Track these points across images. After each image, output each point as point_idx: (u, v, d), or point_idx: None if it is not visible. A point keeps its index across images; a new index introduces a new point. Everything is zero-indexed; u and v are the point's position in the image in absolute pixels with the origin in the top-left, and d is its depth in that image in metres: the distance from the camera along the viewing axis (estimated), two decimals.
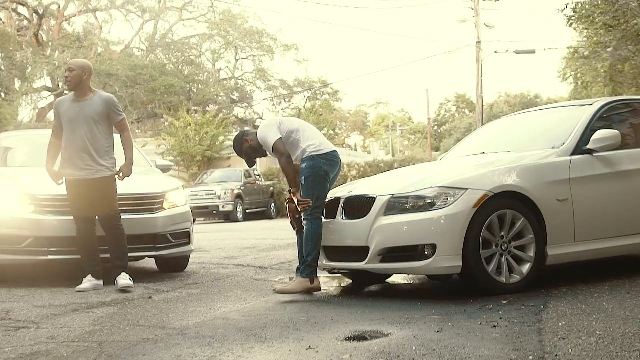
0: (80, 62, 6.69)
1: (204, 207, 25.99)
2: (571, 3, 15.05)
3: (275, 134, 5.98)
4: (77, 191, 6.49)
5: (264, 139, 6.03)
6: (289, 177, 6.00)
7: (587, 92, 24.53)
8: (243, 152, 6.25)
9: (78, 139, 6.47)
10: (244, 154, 6.25)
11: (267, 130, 6.05)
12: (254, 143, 6.19)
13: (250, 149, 6.22)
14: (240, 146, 6.25)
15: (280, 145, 5.96)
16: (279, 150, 5.95)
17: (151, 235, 7.13)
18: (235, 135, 6.47)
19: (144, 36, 43.77)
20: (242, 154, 6.27)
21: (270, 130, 6.02)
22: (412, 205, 5.45)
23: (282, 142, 5.96)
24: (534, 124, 7.01)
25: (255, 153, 6.25)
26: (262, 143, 6.08)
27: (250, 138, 6.21)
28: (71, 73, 6.58)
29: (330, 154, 6.01)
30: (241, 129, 34.39)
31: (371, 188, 5.86)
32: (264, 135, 6.03)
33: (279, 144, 5.96)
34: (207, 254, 10.32)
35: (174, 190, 7.54)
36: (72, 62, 6.73)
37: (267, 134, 6.01)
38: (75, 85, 6.58)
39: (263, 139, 6.04)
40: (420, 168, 6.74)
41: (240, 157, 6.31)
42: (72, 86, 6.61)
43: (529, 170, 5.71)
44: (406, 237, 5.39)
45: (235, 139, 6.34)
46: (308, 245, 5.82)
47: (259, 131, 6.13)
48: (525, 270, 5.50)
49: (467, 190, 5.36)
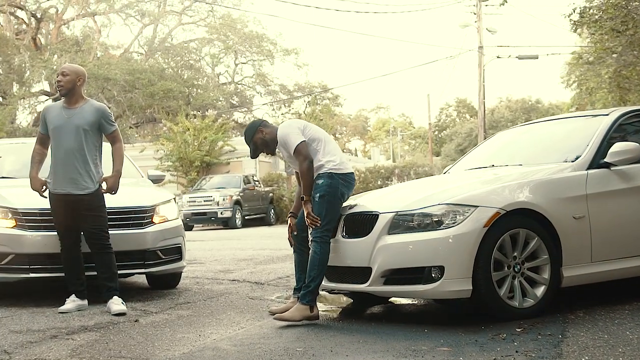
0: (75, 67, 6.28)
1: (202, 214, 25.65)
2: (579, 8, 14.71)
3: (299, 136, 5.53)
4: (61, 205, 6.08)
5: (285, 138, 5.56)
6: (306, 183, 5.48)
7: (591, 98, 24.19)
8: (252, 141, 5.76)
9: (65, 149, 6.05)
10: (253, 143, 5.76)
11: (290, 130, 5.59)
12: (268, 137, 5.72)
13: (262, 141, 5.74)
14: (252, 135, 5.75)
15: (304, 148, 5.51)
16: (302, 153, 5.49)
17: (140, 252, 6.69)
18: (252, 121, 6.02)
19: (143, 40, 43.34)
20: (250, 143, 5.78)
21: (294, 131, 5.56)
22: (417, 223, 5.06)
23: (306, 145, 5.52)
24: (545, 134, 6.61)
25: (263, 147, 5.77)
26: (282, 142, 5.60)
27: (267, 131, 5.74)
28: (64, 78, 6.15)
29: (349, 175, 5.58)
30: (241, 134, 34.06)
31: (374, 204, 5.46)
32: (286, 135, 5.57)
33: (302, 147, 5.50)
34: (202, 266, 9.93)
35: (164, 203, 7.10)
36: (65, 66, 6.31)
37: (289, 134, 5.55)
38: (67, 91, 6.16)
39: (284, 138, 5.58)
40: (426, 182, 6.33)
41: (247, 144, 5.83)
42: (63, 91, 6.17)
43: (543, 185, 5.33)
44: (411, 257, 5.00)
45: (250, 126, 5.86)
46: (313, 270, 5.36)
47: (281, 129, 5.67)
48: (539, 293, 5.11)
49: (477, 207, 4.97)
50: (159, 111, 36.50)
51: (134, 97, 35.99)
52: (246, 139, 5.81)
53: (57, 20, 38.98)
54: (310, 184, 5.47)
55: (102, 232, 6.10)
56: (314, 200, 5.42)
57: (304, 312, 5.30)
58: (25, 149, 7.60)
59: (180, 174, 31.54)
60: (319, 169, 5.51)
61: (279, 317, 5.31)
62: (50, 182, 6.14)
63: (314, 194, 5.43)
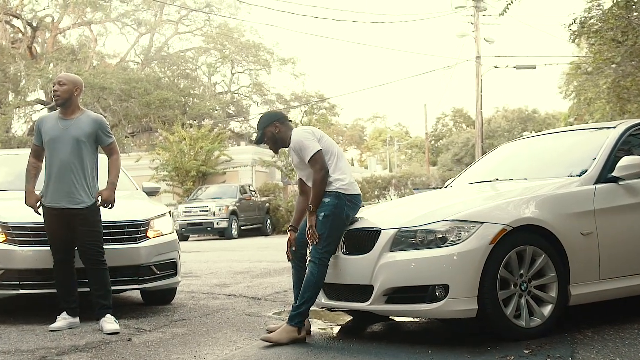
0: (72, 77, 6.09)
1: (198, 224, 25.47)
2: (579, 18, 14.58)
3: (317, 144, 5.28)
4: (56, 220, 5.88)
5: (302, 144, 5.28)
6: (318, 193, 5.23)
7: (589, 109, 24.09)
8: (263, 131, 5.50)
9: (60, 161, 5.84)
10: (263, 133, 5.51)
11: (306, 136, 5.31)
12: (280, 135, 5.46)
13: (272, 135, 5.47)
14: (266, 126, 5.47)
15: (321, 158, 5.26)
16: (318, 162, 5.24)
17: (134, 267, 6.48)
18: (272, 112, 5.76)
19: (140, 49, 43.29)
20: (260, 131, 5.53)
21: (312, 138, 5.30)
22: (421, 240, 4.88)
23: (323, 155, 5.28)
24: (551, 148, 6.45)
25: (271, 142, 5.51)
26: (297, 147, 5.32)
27: (281, 128, 5.46)
28: (61, 87, 5.95)
29: (356, 197, 5.37)
30: (237, 144, 33.80)
31: (375, 220, 5.28)
32: (302, 141, 5.29)
33: (320, 157, 5.26)
34: (198, 280, 9.74)
35: (159, 217, 6.90)
36: (62, 75, 6.10)
37: (306, 141, 5.28)
38: (64, 101, 5.95)
39: (300, 143, 5.29)
40: (429, 197, 6.15)
41: (257, 130, 5.60)
42: (60, 102, 5.95)
43: (550, 200, 5.16)
44: (415, 276, 4.82)
45: (268, 116, 5.60)
46: (307, 292, 5.15)
47: (298, 133, 5.38)
48: (546, 312, 4.94)
49: (482, 224, 4.80)
50: (155, 121, 36.37)
51: (130, 106, 35.86)
52: (259, 126, 5.55)
53: (53, 29, 38.89)
54: (322, 195, 5.25)
55: (97, 248, 5.91)
56: (317, 218, 5.23)
57: (291, 334, 5.11)
58: (18, 160, 7.43)
59: (177, 184, 31.37)
60: (327, 186, 5.30)
61: (265, 338, 5.09)
62: (44, 195, 5.94)
63: (318, 212, 5.23)
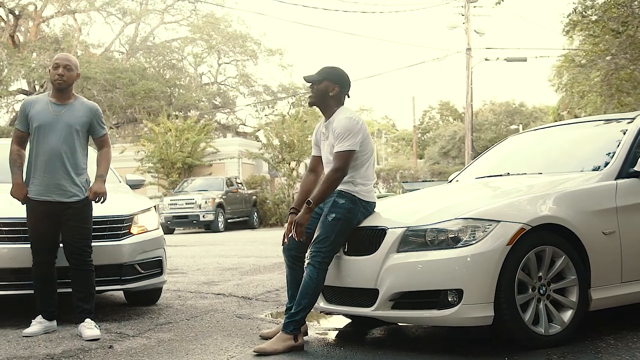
0: (76, 61, 5.56)
1: (184, 217, 25.02)
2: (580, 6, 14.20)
3: (357, 144, 4.79)
4: (42, 214, 5.35)
5: (344, 130, 4.74)
6: (325, 191, 4.75)
7: (581, 101, 23.80)
8: (322, 80, 4.93)
9: (51, 150, 5.32)
10: (320, 82, 4.93)
11: (354, 127, 4.77)
12: (330, 98, 4.93)
13: (324, 91, 4.93)
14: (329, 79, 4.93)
15: (349, 158, 4.77)
16: (342, 162, 4.73)
17: (116, 266, 5.99)
18: (343, 72, 5.04)
19: (124, 39, 42.48)
20: (320, 76, 4.95)
21: (355, 133, 4.77)
22: (431, 240, 4.46)
23: (352, 156, 4.79)
24: (564, 140, 6.03)
25: (318, 95, 4.97)
26: (340, 128, 4.77)
27: (336, 94, 4.94)
28: (68, 72, 5.41)
29: (371, 204, 4.93)
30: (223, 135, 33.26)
31: (380, 217, 4.85)
32: (348, 128, 4.75)
33: (349, 157, 4.76)
34: (184, 277, 9.28)
35: (144, 211, 6.41)
36: (68, 58, 5.49)
37: (350, 132, 4.75)
38: (67, 87, 5.44)
39: (344, 128, 4.75)
40: (437, 193, 5.70)
41: (312, 75, 4.97)
42: (63, 86, 5.41)
43: (570, 197, 4.76)
44: (425, 279, 4.39)
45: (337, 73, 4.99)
46: (304, 298, 4.69)
47: (346, 116, 4.83)
48: (566, 318, 4.54)
49: (499, 222, 4.39)
50: (140, 111, 35.75)
51: (115, 96, 35.22)
52: (322, 72, 4.97)
53: (36, 17, 38.08)
54: (327, 194, 4.79)
55: (85, 246, 5.41)
56: (325, 219, 4.77)
57: (287, 342, 4.65)
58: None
59: (162, 175, 30.85)
60: (347, 186, 4.85)
61: (259, 349, 4.58)
62: (29, 187, 5.41)
63: (329, 212, 4.77)
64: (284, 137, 29.21)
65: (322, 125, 5.09)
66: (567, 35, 20.97)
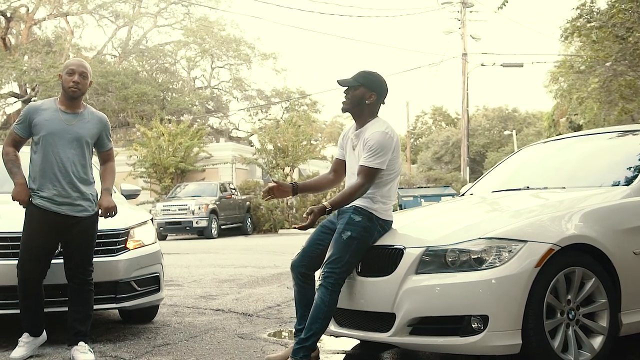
0: (89, 67, 5.18)
1: (177, 223, 24.63)
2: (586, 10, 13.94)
3: (384, 162, 4.50)
4: (45, 226, 4.91)
5: (377, 145, 4.46)
6: (343, 200, 4.49)
7: (580, 108, 23.59)
8: (359, 86, 4.61)
9: (63, 161, 4.93)
10: (356, 88, 4.61)
11: (387, 144, 4.50)
12: (367, 107, 4.62)
13: (361, 98, 4.61)
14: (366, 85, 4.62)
15: (376, 175, 4.50)
16: (368, 178, 4.45)
17: (111, 283, 5.60)
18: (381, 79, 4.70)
19: (117, 42, 42.16)
20: (356, 81, 4.62)
21: (387, 150, 4.50)
22: (452, 261, 4.14)
23: (376, 175, 4.50)
24: (585, 152, 5.73)
25: (353, 101, 4.63)
26: (373, 140, 4.48)
27: (373, 102, 4.64)
28: (83, 80, 5.04)
29: (388, 223, 4.62)
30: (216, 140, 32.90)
31: (397, 236, 4.52)
32: (380, 143, 4.47)
33: (374, 175, 4.48)
34: (180, 290, 8.93)
35: (140, 224, 6.04)
36: (81, 64, 5.10)
37: (383, 148, 4.47)
38: (81, 95, 5.08)
39: (376, 143, 4.47)
40: (454, 209, 5.36)
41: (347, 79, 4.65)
42: (78, 95, 5.03)
43: (599, 214, 4.47)
44: (447, 304, 4.08)
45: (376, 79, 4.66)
46: (315, 323, 4.36)
47: (381, 130, 4.52)
48: (597, 344, 4.24)
49: (526, 242, 4.08)
50: (133, 115, 35.34)
51: (107, 100, 34.85)
52: (359, 77, 4.64)
53: (27, 20, 37.72)
54: (347, 202, 4.52)
55: (88, 264, 5.06)
56: (340, 237, 4.45)
57: None
58: None
59: (154, 180, 30.47)
60: (365, 202, 4.54)
61: None
62: (37, 194, 4.97)
63: (344, 230, 4.45)
64: (278, 142, 28.87)
65: (352, 131, 4.76)
66: (567, 41, 20.73)
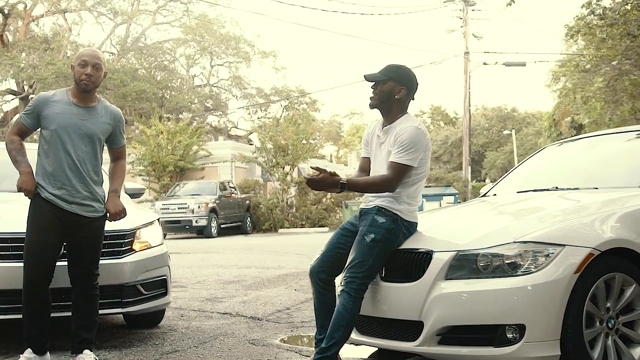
0: (103, 57, 4.83)
1: (176, 222, 24.34)
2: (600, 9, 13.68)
3: (415, 160, 4.27)
4: (54, 220, 4.55)
5: (409, 141, 4.23)
6: (366, 188, 4.33)
7: (586, 107, 23.38)
8: (388, 80, 4.38)
9: (75, 157, 4.60)
10: (384, 82, 4.38)
11: (420, 142, 4.27)
12: (396, 102, 4.38)
13: (389, 92, 4.37)
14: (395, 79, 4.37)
15: (403, 175, 4.26)
16: (397, 175, 4.22)
17: (117, 287, 5.32)
18: (411, 73, 4.47)
19: (115, 39, 41.80)
20: (384, 76, 4.39)
21: (420, 147, 4.27)
22: (485, 266, 3.88)
23: (406, 173, 4.27)
24: (616, 151, 5.44)
25: (382, 97, 4.40)
26: (401, 136, 4.26)
27: (403, 97, 4.40)
28: (97, 72, 4.66)
29: (413, 225, 4.37)
30: (215, 138, 32.62)
31: (424, 239, 4.26)
32: (413, 140, 4.24)
33: (403, 173, 4.25)
34: (184, 292, 8.66)
35: (146, 225, 5.75)
36: (95, 55, 4.72)
37: (415, 145, 4.24)
38: (94, 88, 4.71)
39: (409, 139, 4.23)
40: (480, 209, 5.06)
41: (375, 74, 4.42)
42: (90, 88, 4.66)
43: (637, 216, 4.19)
44: (479, 312, 3.82)
45: (405, 73, 4.42)
46: (337, 331, 4.10)
47: (414, 126, 4.29)
48: (637, 355, 3.99)
49: (564, 247, 3.82)
50: (131, 113, 35.05)
51: (105, 97, 34.30)
52: (387, 71, 4.40)
53: (25, 16, 37.39)
54: (366, 190, 4.33)
55: (95, 268, 4.75)
56: (362, 239, 4.18)
57: None
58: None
59: (153, 179, 30.20)
60: (389, 202, 4.28)
61: None
62: (45, 189, 4.59)
63: (367, 232, 4.19)
64: (279, 140, 28.60)
65: (379, 128, 4.51)
66: (572, 40, 20.47)
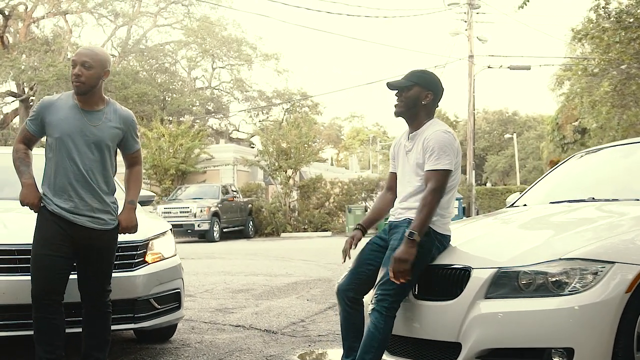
0: (100, 56, 4.34)
1: (178, 226, 23.98)
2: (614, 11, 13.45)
3: (452, 164, 4.03)
4: (62, 235, 4.26)
5: (441, 147, 4.00)
6: (425, 218, 3.91)
7: (594, 111, 23.14)
8: (413, 85, 4.14)
9: (80, 167, 4.28)
10: (409, 88, 4.14)
11: (452, 145, 4.05)
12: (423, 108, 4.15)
13: (415, 98, 4.14)
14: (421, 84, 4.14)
15: (447, 179, 4.02)
16: (441, 182, 3.97)
17: (129, 301, 5.03)
18: (436, 78, 4.25)
19: (116, 41, 41.62)
20: (409, 81, 4.15)
21: (453, 151, 4.04)
22: (527, 284, 3.63)
23: (448, 177, 4.03)
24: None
25: (408, 103, 4.15)
26: (432, 143, 4.03)
27: (429, 103, 4.17)
28: (87, 71, 4.24)
29: (447, 238, 4.13)
30: (216, 141, 32.34)
31: (460, 254, 4.00)
32: (445, 144, 4.02)
33: (445, 178, 4.00)
34: (193, 301, 8.40)
35: (159, 235, 5.45)
36: (87, 53, 4.32)
37: (448, 149, 4.02)
38: (89, 89, 4.29)
39: (440, 144, 4.01)
40: (515, 222, 4.75)
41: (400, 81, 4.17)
42: (83, 89, 4.27)
43: None
44: (523, 334, 3.56)
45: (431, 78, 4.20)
46: (368, 353, 3.85)
47: (442, 130, 4.07)
48: None
49: (613, 264, 3.57)
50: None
51: None
52: (412, 77, 4.17)
53: (26, 18, 37.18)
54: (429, 220, 3.96)
55: (106, 284, 4.47)
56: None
57: None
58: None
59: (154, 182, 29.94)
60: None
61: None
62: (52, 200, 4.30)
63: (398, 247, 3.93)
64: (281, 144, 28.34)
65: (405, 137, 4.28)
66: (579, 43, 20.24)
